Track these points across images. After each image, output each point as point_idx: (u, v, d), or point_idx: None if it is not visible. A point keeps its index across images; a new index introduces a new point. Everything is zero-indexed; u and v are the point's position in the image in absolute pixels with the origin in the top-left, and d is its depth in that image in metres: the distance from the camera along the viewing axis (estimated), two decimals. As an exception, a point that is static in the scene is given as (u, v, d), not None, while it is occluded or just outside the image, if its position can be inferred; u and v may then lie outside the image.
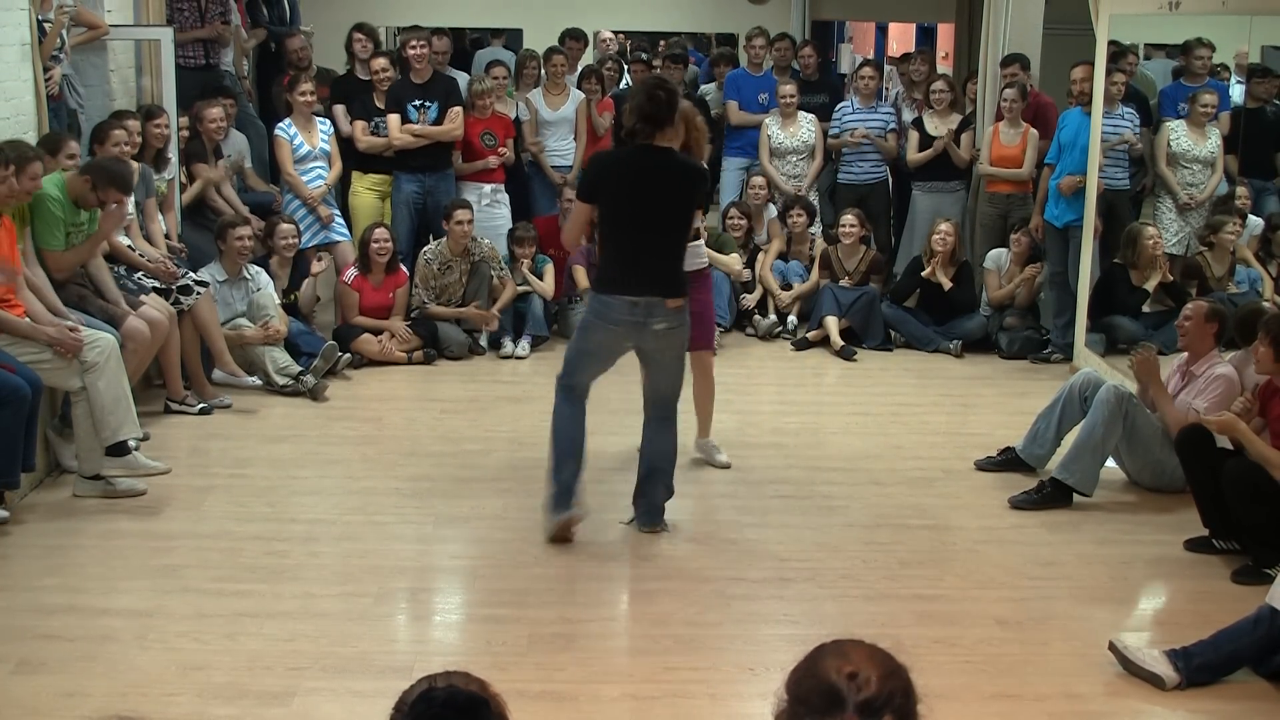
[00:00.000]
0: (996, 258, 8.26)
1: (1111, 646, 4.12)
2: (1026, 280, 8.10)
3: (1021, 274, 8.10)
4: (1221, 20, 7.78)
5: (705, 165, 5.33)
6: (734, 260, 8.32)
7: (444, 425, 6.54)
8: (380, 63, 8.30)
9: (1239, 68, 8.17)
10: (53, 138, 5.93)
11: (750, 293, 8.56)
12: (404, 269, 7.82)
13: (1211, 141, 7.72)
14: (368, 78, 8.40)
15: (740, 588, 4.70)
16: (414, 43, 8.26)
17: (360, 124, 8.19)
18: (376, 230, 7.65)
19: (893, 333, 8.29)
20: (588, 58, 10.13)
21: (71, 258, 5.71)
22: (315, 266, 7.66)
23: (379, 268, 7.63)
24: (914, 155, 8.79)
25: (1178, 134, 7.76)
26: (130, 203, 6.49)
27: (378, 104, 8.25)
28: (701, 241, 5.70)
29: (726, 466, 5.93)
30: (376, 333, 7.60)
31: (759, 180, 8.75)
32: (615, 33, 11.75)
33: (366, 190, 8.30)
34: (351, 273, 7.67)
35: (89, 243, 5.76)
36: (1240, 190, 7.68)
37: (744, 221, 8.54)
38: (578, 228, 5.14)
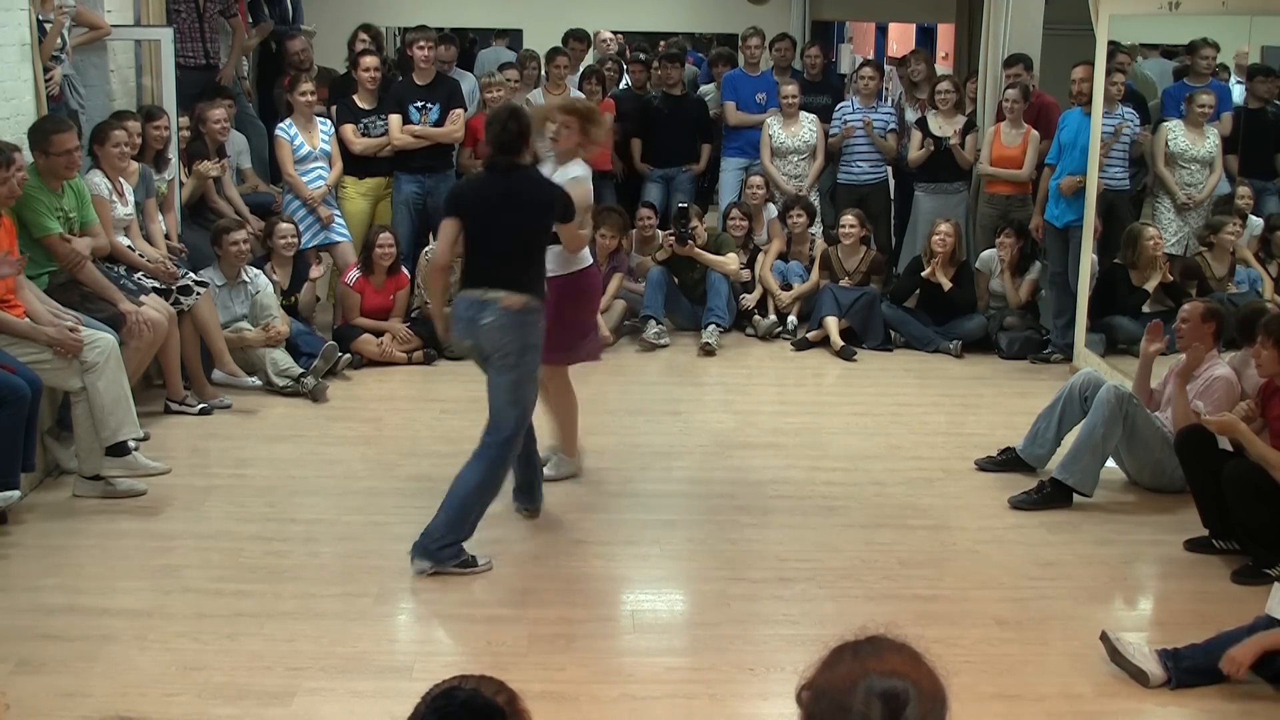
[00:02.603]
0: (988, 260, 8.29)
1: (1103, 637, 4.13)
2: (1023, 284, 8.14)
3: (1013, 281, 8.13)
4: (1221, 20, 7.78)
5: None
6: (730, 260, 8.34)
7: (444, 425, 6.54)
8: (368, 60, 8.24)
9: (1239, 68, 8.17)
10: (44, 127, 5.76)
11: (750, 293, 8.57)
12: (405, 271, 7.82)
13: (1209, 141, 7.72)
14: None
15: (740, 588, 4.70)
16: (421, 43, 8.24)
17: (349, 127, 8.17)
18: (382, 234, 7.65)
19: (893, 333, 8.29)
20: (589, 59, 10.13)
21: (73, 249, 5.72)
22: (314, 271, 7.65)
23: (381, 270, 7.64)
24: (914, 154, 8.79)
25: (1175, 134, 7.76)
26: (131, 203, 6.52)
27: (359, 104, 8.23)
28: (559, 248, 5.32)
29: (575, 475, 5.69)
30: (377, 334, 7.60)
31: (756, 180, 8.75)
32: (614, 33, 11.74)
33: (358, 195, 8.27)
34: (354, 274, 7.67)
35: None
36: (1243, 190, 7.68)
37: (745, 222, 8.55)
38: (446, 245, 5.07)
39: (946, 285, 8.15)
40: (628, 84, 9.69)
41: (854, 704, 1.77)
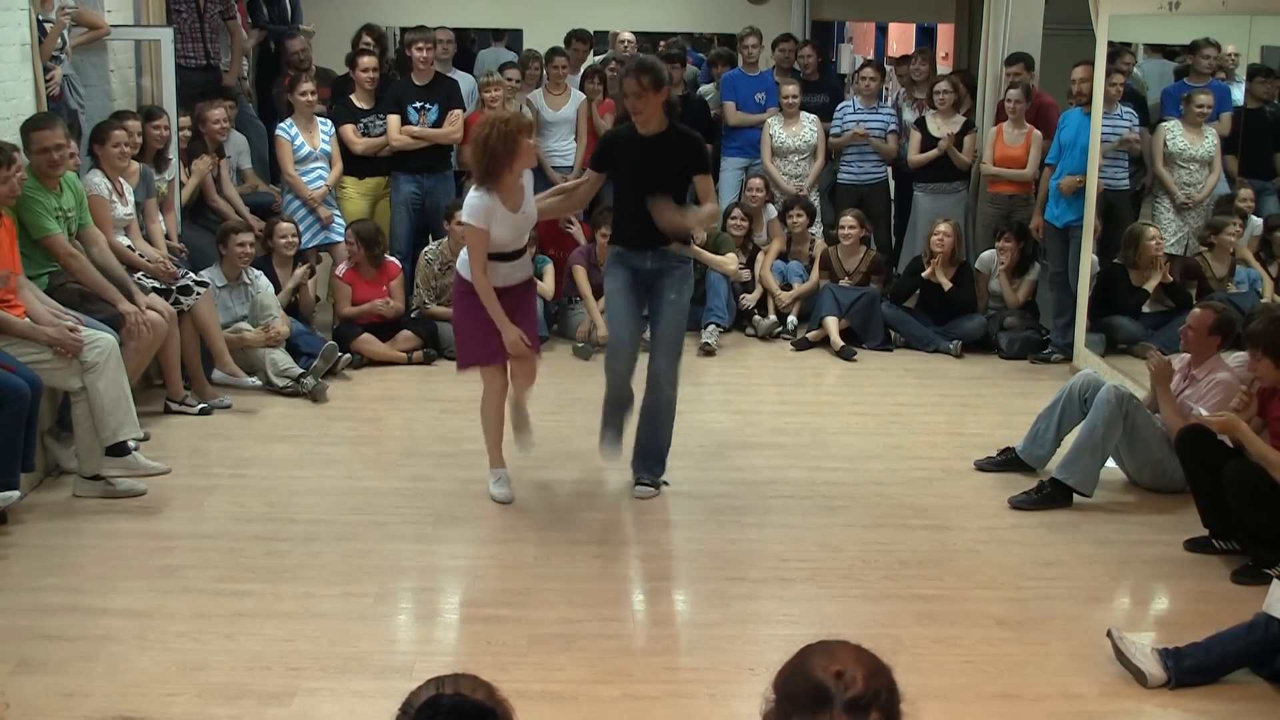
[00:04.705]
0: (988, 260, 8.30)
1: (1109, 634, 4.13)
2: (1021, 285, 8.16)
3: (1010, 283, 8.14)
4: (1221, 20, 7.78)
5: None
6: (729, 260, 8.33)
7: (444, 425, 6.54)
8: (366, 61, 8.26)
9: (1224, 70, 8.13)
10: (26, 125, 5.71)
11: (750, 292, 8.56)
12: (394, 261, 7.87)
13: (1208, 141, 7.72)
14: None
15: (740, 588, 4.70)
16: (420, 44, 8.25)
17: (349, 127, 8.18)
18: (347, 230, 7.73)
19: (893, 333, 8.29)
20: (590, 59, 10.11)
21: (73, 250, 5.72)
22: (299, 273, 7.62)
23: (365, 263, 7.66)
24: (915, 156, 8.79)
25: (1174, 134, 7.76)
26: (131, 203, 6.52)
27: (357, 104, 8.24)
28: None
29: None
30: (372, 330, 7.58)
31: (756, 182, 8.75)
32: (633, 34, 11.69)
33: (358, 195, 8.28)
34: (343, 267, 7.70)
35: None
36: (1244, 193, 7.67)
37: (745, 222, 8.55)
38: None
39: (947, 285, 8.15)
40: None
41: (812, 664, 1.92)
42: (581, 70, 9.37)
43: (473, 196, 5.29)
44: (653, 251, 5.47)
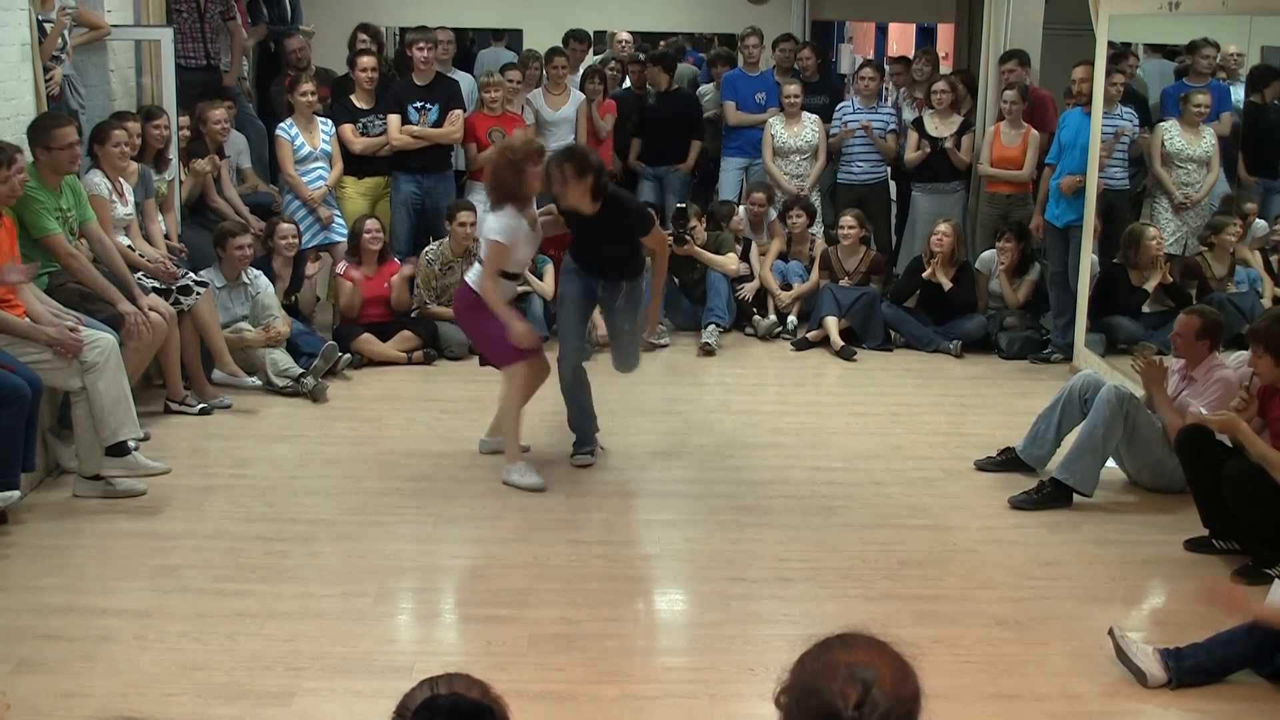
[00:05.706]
0: (988, 260, 8.30)
1: (1111, 633, 4.14)
2: (1021, 285, 8.16)
3: (1010, 283, 8.14)
4: (1221, 20, 7.77)
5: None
6: (729, 260, 8.34)
7: (444, 425, 6.54)
8: (365, 61, 8.27)
9: (1225, 71, 8.13)
10: (45, 123, 5.73)
11: (748, 282, 8.54)
12: (395, 259, 7.89)
13: (1206, 141, 7.71)
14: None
15: (740, 588, 4.70)
16: (420, 44, 8.26)
17: (347, 127, 8.18)
18: (368, 221, 7.73)
19: (893, 333, 8.30)
20: (590, 59, 10.11)
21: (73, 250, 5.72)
22: (310, 268, 7.66)
23: (371, 258, 7.67)
24: (911, 155, 8.80)
25: (1172, 134, 7.76)
26: (130, 203, 6.52)
27: (357, 104, 8.25)
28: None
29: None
30: (372, 330, 7.59)
31: (758, 196, 8.74)
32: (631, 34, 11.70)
33: (358, 195, 8.28)
34: (344, 264, 7.71)
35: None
36: (1250, 206, 7.66)
37: (759, 208, 8.61)
38: None
39: (947, 285, 8.15)
40: (629, 85, 9.66)
41: (829, 685, 1.86)
42: (581, 70, 9.37)
43: (503, 215, 5.54)
44: (608, 282, 5.82)
